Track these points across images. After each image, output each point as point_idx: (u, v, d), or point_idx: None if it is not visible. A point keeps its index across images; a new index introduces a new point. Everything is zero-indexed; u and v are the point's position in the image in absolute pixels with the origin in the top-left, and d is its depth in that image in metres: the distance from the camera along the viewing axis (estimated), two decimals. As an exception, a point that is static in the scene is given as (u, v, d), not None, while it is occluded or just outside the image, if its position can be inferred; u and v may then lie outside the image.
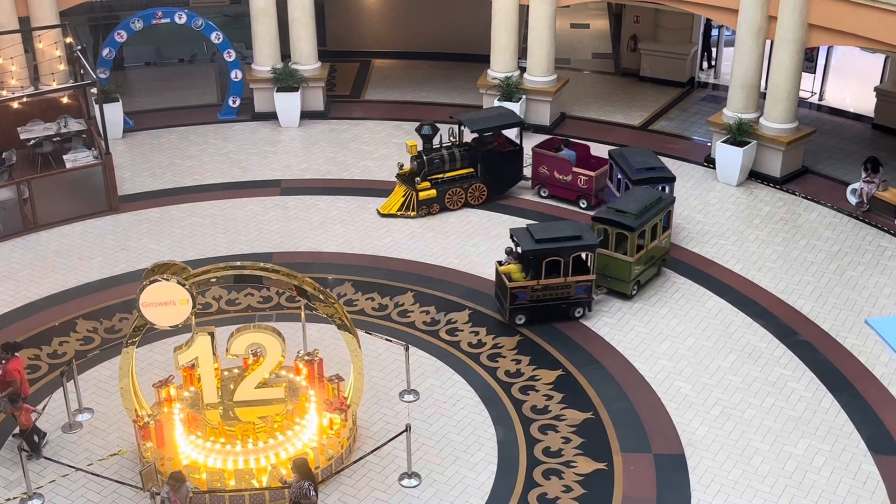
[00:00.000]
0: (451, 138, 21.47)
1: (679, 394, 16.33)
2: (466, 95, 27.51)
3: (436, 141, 21.35)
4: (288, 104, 25.52)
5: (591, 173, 21.09)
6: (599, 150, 24.57)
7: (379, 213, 20.65)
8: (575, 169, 21.18)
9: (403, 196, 20.88)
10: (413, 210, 20.61)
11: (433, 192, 20.85)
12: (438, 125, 21.45)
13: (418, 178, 20.63)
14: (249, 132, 25.66)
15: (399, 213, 20.61)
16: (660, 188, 19.55)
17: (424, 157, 20.71)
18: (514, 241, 17.50)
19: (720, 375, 16.74)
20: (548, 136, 22.78)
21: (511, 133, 22.59)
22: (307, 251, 20.33)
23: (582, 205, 21.23)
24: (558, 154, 21.47)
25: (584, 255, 17.43)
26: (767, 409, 15.97)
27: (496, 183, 21.33)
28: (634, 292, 18.35)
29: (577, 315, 17.50)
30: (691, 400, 16.19)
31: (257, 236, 20.93)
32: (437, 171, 20.85)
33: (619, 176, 20.29)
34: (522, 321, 17.36)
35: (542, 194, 21.51)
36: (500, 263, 17.60)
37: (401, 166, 21.26)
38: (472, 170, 21.03)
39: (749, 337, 17.67)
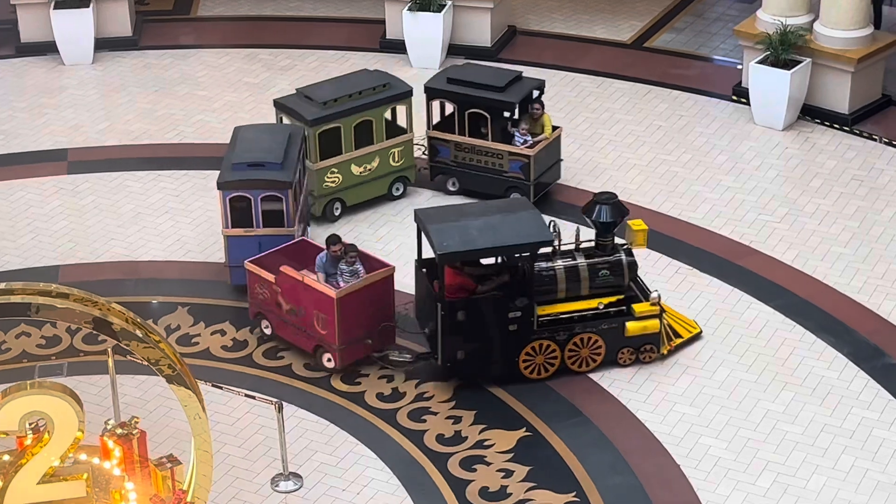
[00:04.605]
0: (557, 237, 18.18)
1: (708, 457, 16.53)
2: (360, 5, 27.47)
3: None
4: (74, 28, 25.28)
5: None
6: (570, 84, 24.82)
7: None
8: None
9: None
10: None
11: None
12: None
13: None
14: (13, 75, 25.40)
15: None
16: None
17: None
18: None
19: (770, 425, 16.98)
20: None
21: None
22: (115, 261, 20.19)
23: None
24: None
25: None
26: (845, 475, 16.24)
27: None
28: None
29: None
30: (727, 465, 16.39)
31: (33, 241, 20.73)
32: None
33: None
34: None
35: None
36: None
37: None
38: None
39: (811, 363, 17.96)
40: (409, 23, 24.86)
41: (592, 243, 18.02)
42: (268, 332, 18.37)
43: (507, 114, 20.72)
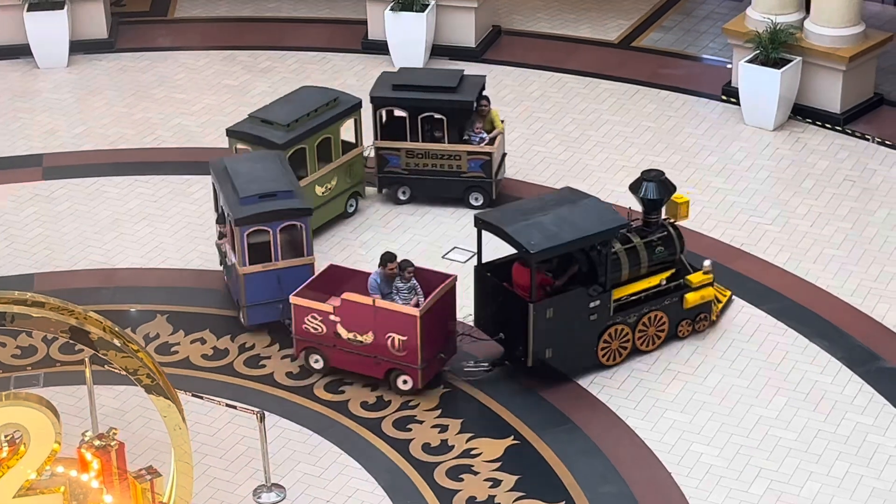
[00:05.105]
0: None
1: (700, 464, 16.55)
2: (341, 5, 27.46)
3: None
4: (48, 31, 25.26)
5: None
6: (556, 85, 24.84)
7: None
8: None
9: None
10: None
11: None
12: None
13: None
14: (-13, 79, 25.38)
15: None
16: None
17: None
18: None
19: (762, 431, 17.00)
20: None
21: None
22: (92, 269, 20.18)
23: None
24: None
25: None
26: (839, 481, 16.26)
27: None
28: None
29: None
30: (719, 472, 16.41)
31: (8, 248, 20.71)
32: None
33: None
34: None
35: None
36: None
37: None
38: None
39: (805, 367, 17.99)
40: (391, 23, 24.85)
41: (640, 222, 18.45)
42: (318, 366, 17.94)
43: (462, 114, 20.73)
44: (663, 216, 18.61)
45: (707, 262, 18.42)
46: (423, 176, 21.09)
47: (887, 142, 22.68)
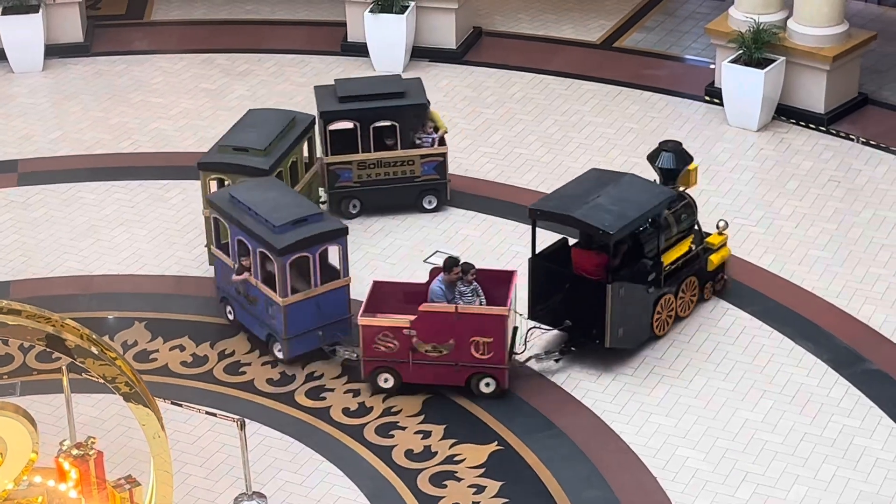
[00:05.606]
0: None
1: (685, 468, 16.59)
2: (319, 7, 27.45)
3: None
4: (22, 35, 25.22)
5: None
6: (538, 87, 24.88)
7: None
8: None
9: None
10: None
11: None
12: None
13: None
14: (-40, 84, 25.30)
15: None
16: None
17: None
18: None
19: (748, 434, 17.05)
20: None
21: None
22: (68, 276, 20.16)
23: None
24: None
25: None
26: (826, 484, 16.31)
27: None
28: None
29: None
30: (705, 476, 16.46)
31: (-17, 256, 20.67)
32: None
33: None
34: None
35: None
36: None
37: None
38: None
39: (790, 370, 18.05)
40: (370, 25, 24.86)
41: None
42: (387, 385, 17.62)
43: (417, 117, 20.81)
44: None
45: (721, 223, 19.14)
46: (375, 186, 20.95)
47: (872, 142, 22.77)
